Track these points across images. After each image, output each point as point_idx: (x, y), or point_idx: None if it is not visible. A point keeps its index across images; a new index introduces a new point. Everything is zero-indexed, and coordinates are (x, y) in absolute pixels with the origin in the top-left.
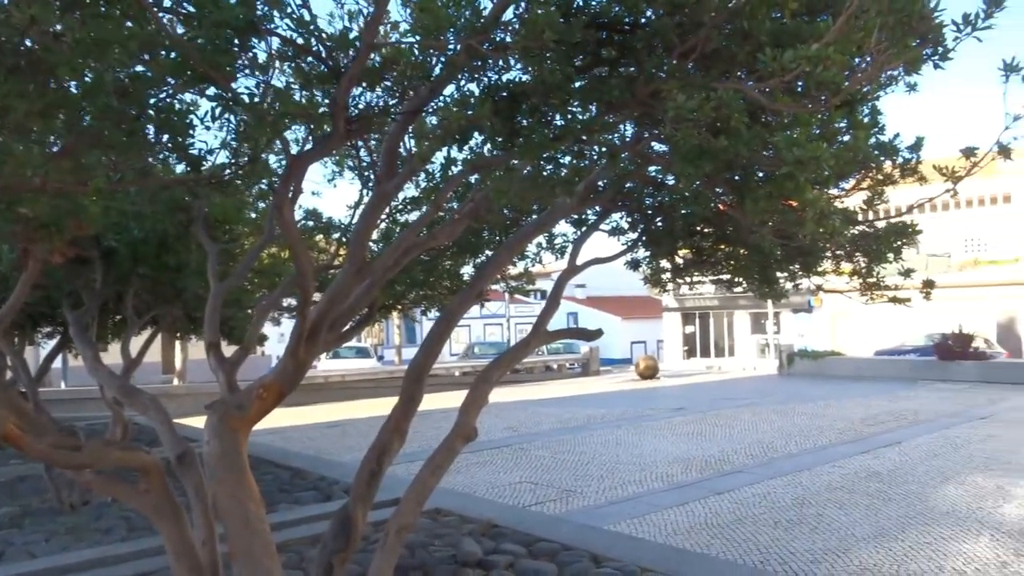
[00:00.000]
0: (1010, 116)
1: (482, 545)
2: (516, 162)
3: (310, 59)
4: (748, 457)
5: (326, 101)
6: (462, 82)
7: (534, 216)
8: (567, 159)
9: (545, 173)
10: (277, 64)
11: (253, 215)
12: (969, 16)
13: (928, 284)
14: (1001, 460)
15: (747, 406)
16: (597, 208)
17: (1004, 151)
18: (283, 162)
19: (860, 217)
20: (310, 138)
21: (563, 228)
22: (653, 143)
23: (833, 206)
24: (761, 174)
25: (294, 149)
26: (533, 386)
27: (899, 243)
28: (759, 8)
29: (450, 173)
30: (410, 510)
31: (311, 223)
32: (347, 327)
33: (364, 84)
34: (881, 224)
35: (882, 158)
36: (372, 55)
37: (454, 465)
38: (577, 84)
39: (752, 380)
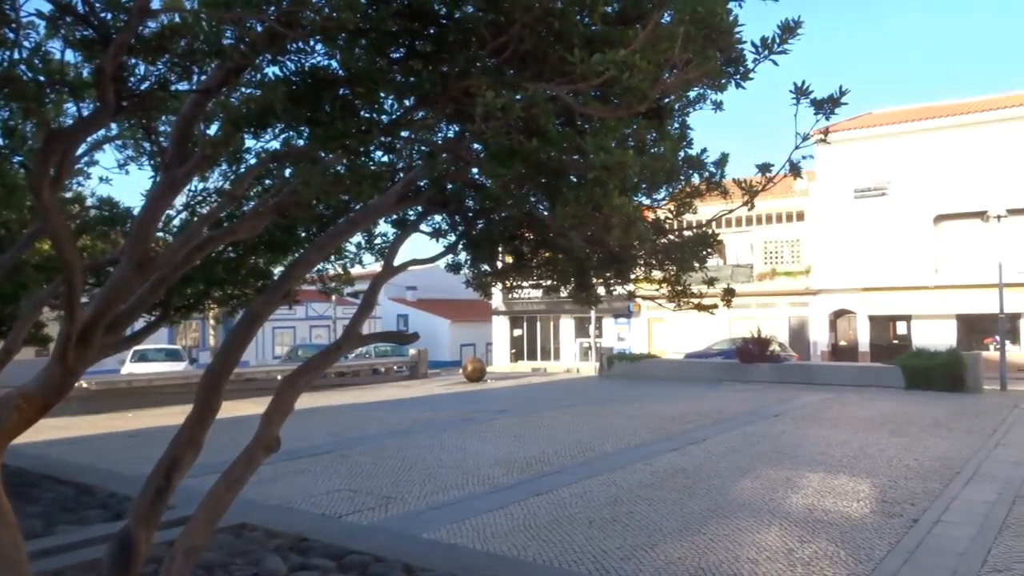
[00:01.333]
0: (800, 136)
1: (288, 561)
2: (324, 154)
3: (74, 21)
4: (567, 458)
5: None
6: (262, 64)
7: (352, 214)
8: (380, 154)
9: (354, 168)
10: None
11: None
12: (767, 39)
13: (729, 292)
14: (790, 454)
15: (568, 408)
16: (418, 208)
17: (795, 169)
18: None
19: (669, 227)
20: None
21: (385, 228)
22: (473, 144)
23: (640, 213)
24: (572, 179)
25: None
26: (359, 390)
27: (704, 252)
28: (571, 11)
29: (246, 162)
30: (200, 529)
31: (106, 212)
32: (135, 329)
33: (142, 55)
34: (688, 234)
35: (690, 171)
36: (150, 22)
37: (268, 475)
38: (389, 76)
39: (574, 382)
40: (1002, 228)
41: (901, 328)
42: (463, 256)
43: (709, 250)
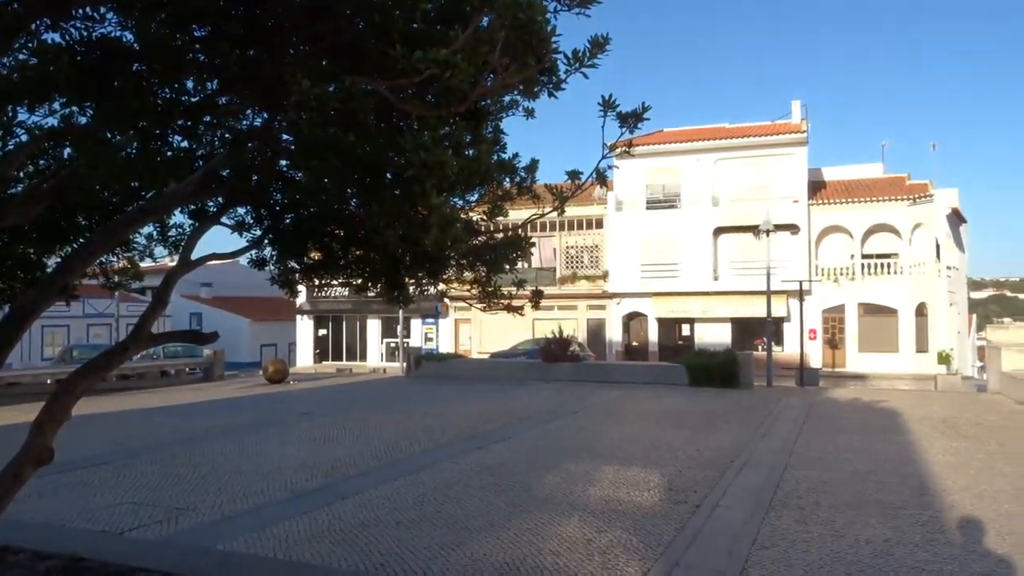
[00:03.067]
0: (605, 147)
1: None
2: (112, 135)
3: None
4: (373, 459)
5: None
6: (40, 29)
7: (143, 203)
8: (178, 139)
9: (148, 152)
10: None
11: None
12: (578, 52)
13: (537, 294)
14: (589, 449)
15: (375, 409)
16: (219, 199)
17: (601, 178)
18: None
19: (480, 229)
20: None
21: (181, 219)
22: (284, 135)
23: (457, 214)
24: (390, 176)
25: None
26: (146, 393)
27: (514, 255)
28: (392, 6)
29: (17, 138)
30: None
31: None
32: None
33: None
34: (500, 236)
35: (503, 175)
36: None
37: (37, 490)
38: (191, 55)
39: (381, 382)
40: (770, 242)
41: (686, 330)
42: (268, 252)
43: (519, 253)
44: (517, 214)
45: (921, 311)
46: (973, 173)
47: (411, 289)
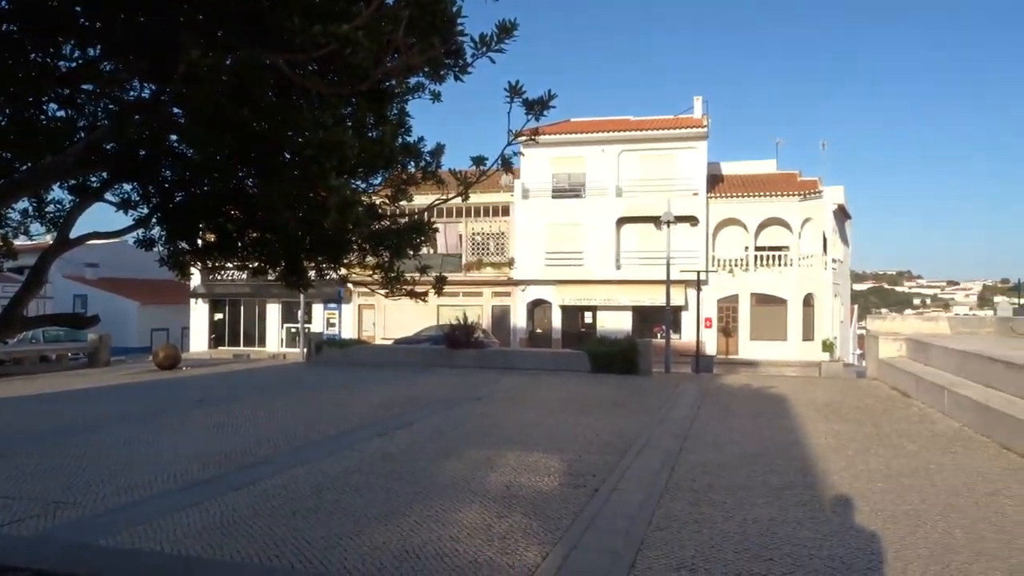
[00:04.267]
0: (511, 133)
1: None
2: None
3: None
4: (271, 448)
5: None
6: None
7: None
8: (55, 108)
9: (21, 121)
10: None
11: None
12: (485, 36)
13: (441, 280)
14: (491, 435)
15: (273, 396)
16: (103, 175)
17: (507, 164)
18: None
19: (384, 213)
20: None
21: (60, 195)
22: (173, 108)
23: (358, 197)
24: (288, 155)
25: None
26: (23, 380)
27: (418, 240)
28: None
29: None
30: None
31: None
32: None
33: None
34: (404, 221)
35: (407, 159)
36: None
37: None
38: (70, 18)
39: (281, 369)
40: (671, 233)
41: (589, 317)
42: (157, 231)
43: (423, 238)
44: (423, 199)
45: (808, 301)
46: (857, 172)
47: (311, 274)
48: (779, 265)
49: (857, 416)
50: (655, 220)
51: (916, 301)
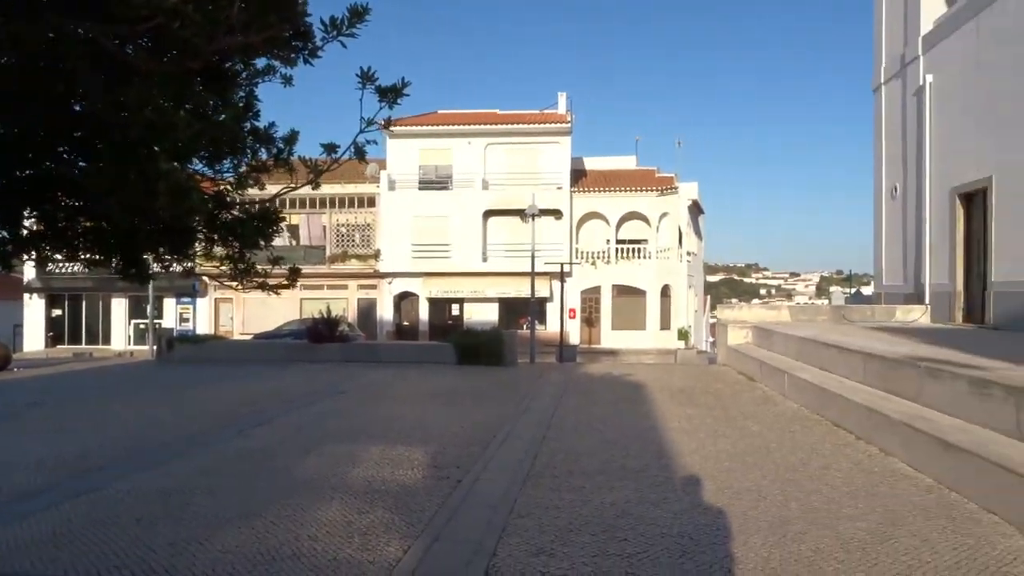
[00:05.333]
0: (364, 121)
1: None
2: None
3: None
4: (115, 451)
5: None
6: None
7: None
8: None
9: None
10: None
11: None
12: (336, 19)
13: (294, 272)
14: (354, 429)
15: (118, 396)
16: None
17: (360, 152)
18: None
19: (232, 201)
20: None
21: None
22: None
23: (195, 182)
24: (115, 137)
25: None
26: None
27: (269, 230)
28: None
29: None
30: None
31: None
32: None
33: None
34: (255, 209)
35: (257, 145)
36: None
37: None
38: None
39: (128, 368)
40: (536, 226)
41: (456, 310)
42: None
43: (274, 228)
44: (279, 189)
45: (665, 292)
46: (710, 169)
47: (153, 265)
48: (638, 258)
49: (708, 400)
50: (521, 213)
51: (763, 291)
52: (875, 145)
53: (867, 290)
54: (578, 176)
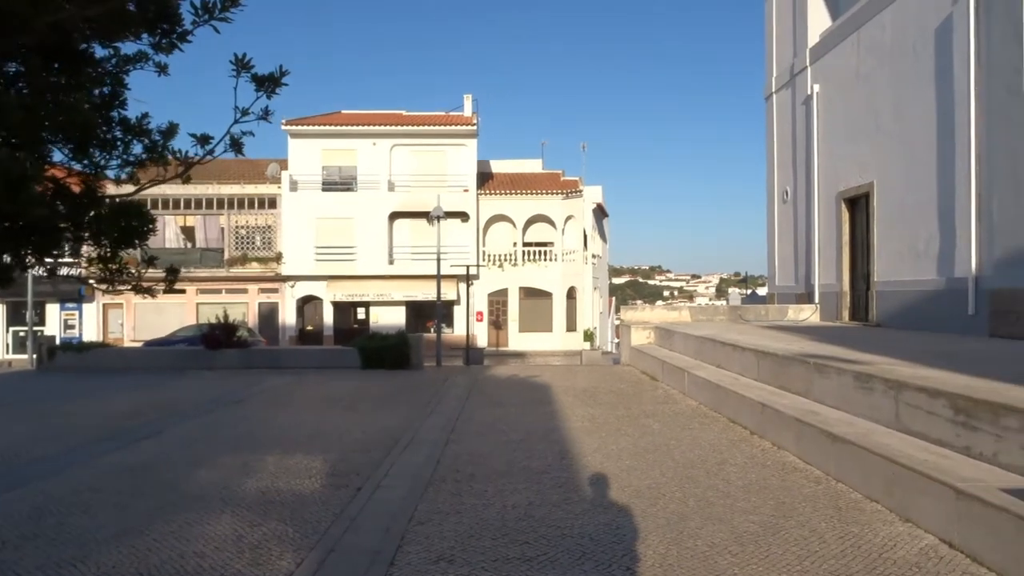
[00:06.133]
0: (239, 111)
1: None
2: None
3: None
4: None
5: None
6: None
7: None
8: None
9: None
10: None
11: None
12: (208, 3)
13: (172, 272)
14: (250, 439)
15: None
16: None
17: (236, 145)
18: None
19: (100, 196)
20: None
21: None
22: None
23: (38, 172)
24: None
25: None
26: None
27: (144, 228)
28: None
29: None
30: None
31: None
32: None
33: None
34: (125, 206)
35: (130, 137)
36: None
37: None
38: None
39: (3, 378)
40: (442, 228)
41: (361, 313)
42: None
43: (149, 226)
44: (174, 186)
45: (571, 294)
46: (614, 173)
47: (13, 267)
48: (545, 260)
49: (611, 400)
50: (427, 215)
51: (666, 293)
52: (767, 151)
53: (762, 291)
54: (485, 179)
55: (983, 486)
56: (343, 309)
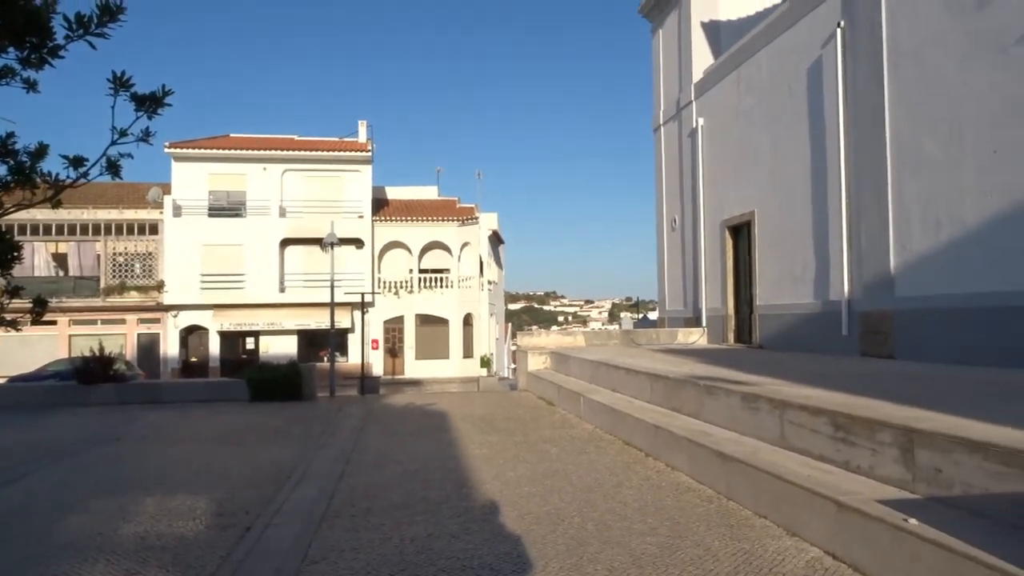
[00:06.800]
0: (116, 131)
1: None
2: None
3: None
4: None
5: None
6: None
7: None
8: None
9: None
10: None
11: None
12: (83, 17)
13: (39, 303)
14: (128, 479)
15: None
16: None
17: (113, 167)
18: None
19: None
20: None
21: None
22: None
23: None
24: None
25: None
26: None
27: (9, 256)
28: None
29: None
30: None
31: None
32: None
33: None
34: None
35: None
36: None
37: None
38: None
39: None
40: (336, 255)
41: (251, 343)
42: None
43: (13, 254)
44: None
45: (468, 321)
46: (509, 200)
47: None
48: (441, 287)
49: (509, 426)
50: (321, 242)
51: (561, 318)
52: (656, 180)
53: (653, 315)
54: (380, 205)
55: (861, 498)
56: (231, 339)
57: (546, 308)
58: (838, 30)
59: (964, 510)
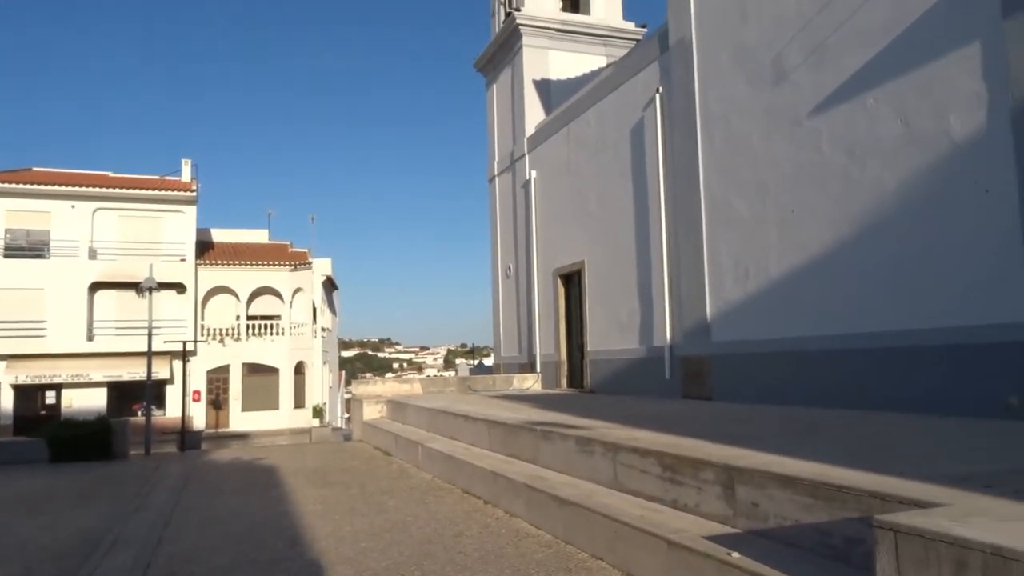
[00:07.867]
0: None
1: None
2: None
3: None
4: None
5: None
6: None
7: None
8: None
9: None
10: None
11: None
12: None
13: None
14: None
15: None
16: None
17: None
18: None
19: None
20: None
21: None
22: None
23: None
24: None
25: None
26: None
27: None
28: None
29: None
30: None
31: None
32: None
33: None
34: None
35: None
36: None
37: None
38: None
39: None
40: (154, 300)
41: (52, 397)
42: None
43: None
44: None
45: (299, 369)
46: (344, 246)
47: None
48: (271, 334)
49: (344, 479)
50: (137, 286)
51: (396, 365)
52: (491, 229)
53: (488, 361)
54: (205, 248)
55: (689, 535)
56: (28, 393)
57: (380, 355)
58: (657, 95)
59: (779, 541)
